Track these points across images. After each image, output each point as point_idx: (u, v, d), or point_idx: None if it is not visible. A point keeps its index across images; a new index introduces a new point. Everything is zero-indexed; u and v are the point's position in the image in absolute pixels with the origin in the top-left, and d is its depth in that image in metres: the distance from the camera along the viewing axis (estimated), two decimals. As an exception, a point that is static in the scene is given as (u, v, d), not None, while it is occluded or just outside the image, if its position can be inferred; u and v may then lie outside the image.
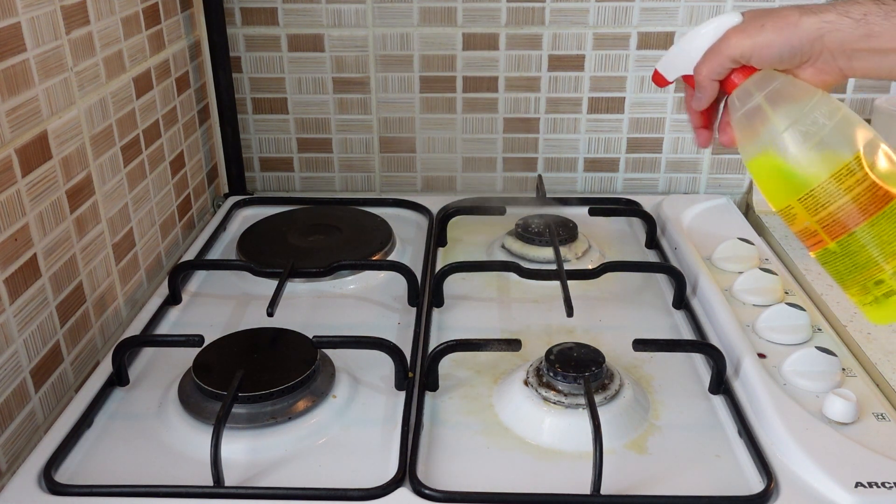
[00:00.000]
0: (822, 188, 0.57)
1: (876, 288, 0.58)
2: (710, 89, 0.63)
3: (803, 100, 0.59)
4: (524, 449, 0.67)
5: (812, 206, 0.58)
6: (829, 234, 0.58)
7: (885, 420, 0.68)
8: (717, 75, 0.62)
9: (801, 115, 0.58)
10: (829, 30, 0.57)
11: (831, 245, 0.58)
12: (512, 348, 0.74)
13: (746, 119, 0.61)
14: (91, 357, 0.81)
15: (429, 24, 1.10)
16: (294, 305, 0.87)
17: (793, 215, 0.60)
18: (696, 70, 0.63)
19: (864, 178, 0.56)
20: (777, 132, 0.59)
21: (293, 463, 0.65)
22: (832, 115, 0.58)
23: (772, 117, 0.59)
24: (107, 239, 0.84)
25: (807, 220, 0.58)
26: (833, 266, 0.60)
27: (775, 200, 0.61)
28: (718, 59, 0.61)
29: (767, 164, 0.60)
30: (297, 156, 1.19)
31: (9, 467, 0.66)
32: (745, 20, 0.61)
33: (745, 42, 0.59)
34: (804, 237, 0.60)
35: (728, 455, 0.66)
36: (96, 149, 0.81)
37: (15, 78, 0.67)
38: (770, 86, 0.60)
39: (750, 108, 0.60)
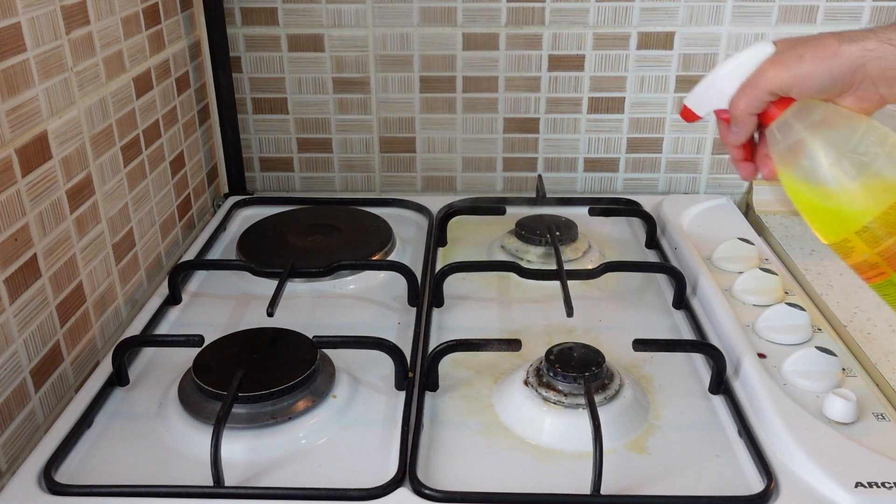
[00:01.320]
0: (882, 219, 0.54)
1: None
2: (749, 124, 0.61)
3: (850, 129, 0.57)
4: (524, 449, 0.67)
5: (871, 238, 0.55)
6: (892, 266, 0.56)
7: (885, 420, 0.68)
8: (756, 109, 0.60)
9: (850, 144, 0.56)
10: (871, 58, 0.56)
11: (894, 276, 0.56)
12: (512, 348, 0.74)
13: (790, 152, 0.59)
14: (91, 357, 0.81)
15: (429, 24, 1.10)
16: (294, 305, 0.87)
17: (850, 248, 0.57)
18: (732, 105, 0.61)
19: None
20: (826, 164, 0.56)
21: (293, 463, 0.65)
22: (883, 143, 0.56)
23: (818, 149, 0.57)
24: (107, 239, 0.84)
25: (866, 252, 0.56)
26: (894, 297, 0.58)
27: (828, 234, 0.58)
28: (756, 93, 0.59)
29: (817, 198, 0.58)
30: (297, 156, 1.19)
31: (9, 467, 0.66)
32: (779, 50, 0.59)
33: (783, 74, 0.58)
34: (862, 269, 0.58)
35: (728, 455, 0.66)
36: (96, 149, 0.81)
37: (15, 78, 0.67)
38: (812, 116, 0.58)
39: (793, 140, 0.58)
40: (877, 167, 0.55)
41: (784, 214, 1.13)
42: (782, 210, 1.14)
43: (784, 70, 0.58)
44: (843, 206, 0.56)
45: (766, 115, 0.60)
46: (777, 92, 0.59)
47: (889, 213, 0.54)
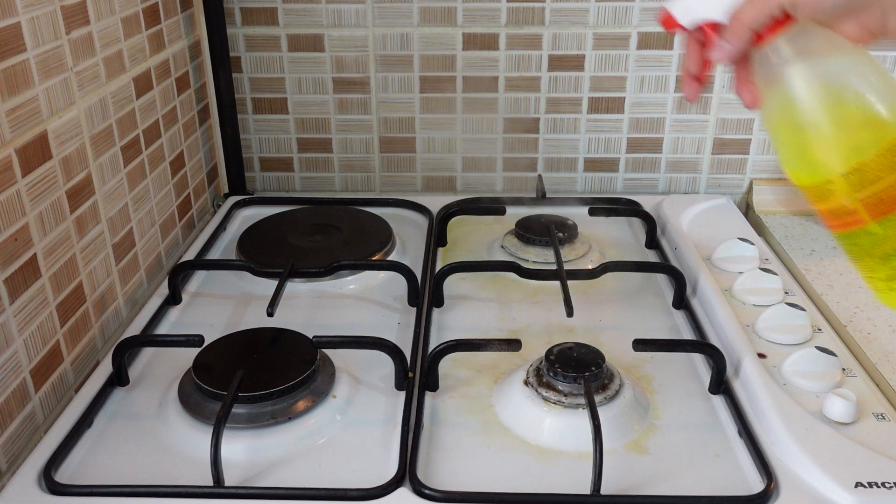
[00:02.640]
0: (872, 162, 0.50)
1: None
2: (745, 40, 0.55)
3: (851, 60, 0.52)
4: (524, 449, 0.67)
5: (858, 181, 0.50)
6: (872, 213, 0.51)
7: (885, 420, 0.68)
8: (761, 24, 0.54)
9: (846, 73, 0.51)
10: None
11: (871, 226, 0.51)
12: (512, 348, 0.74)
13: (781, 78, 0.53)
14: (91, 357, 0.81)
15: (429, 24, 1.10)
16: (294, 305, 0.87)
17: (829, 191, 0.52)
18: (739, 14, 0.55)
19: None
20: (822, 95, 0.51)
21: (293, 463, 0.65)
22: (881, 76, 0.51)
23: (815, 78, 0.52)
24: (107, 239, 0.84)
25: (847, 196, 0.51)
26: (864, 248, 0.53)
27: (807, 172, 0.53)
28: (766, 6, 0.53)
29: (804, 132, 0.52)
30: (297, 156, 1.19)
31: (9, 467, 0.66)
32: None
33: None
34: (836, 215, 0.53)
35: (728, 455, 0.66)
36: (96, 149, 0.81)
37: (15, 78, 0.67)
38: (811, 42, 0.53)
39: (787, 65, 0.53)
40: (874, 100, 0.51)
41: (784, 214, 1.13)
42: (782, 210, 1.14)
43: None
44: (832, 143, 0.51)
45: (762, 34, 0.55)
46: (787, 7, 0.53)
47: (882, 156, 0.50)
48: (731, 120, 1.15)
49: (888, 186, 0.50)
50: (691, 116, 1.15)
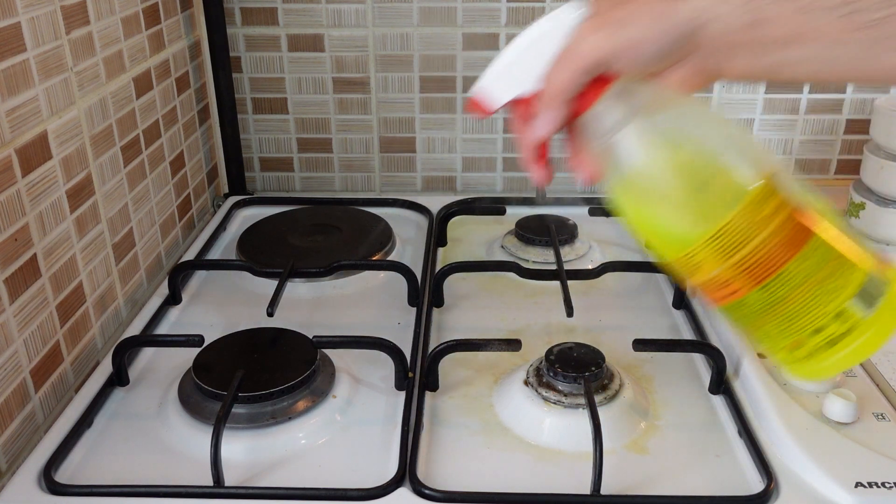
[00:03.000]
0: (734, 224, 0.44)
1: (815, 337, 0.46)
2: (564, 110, 0.48)
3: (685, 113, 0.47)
4: (524, 449, 0.67)
5: (722, 249, 0.45)
6: (751, 279, 0.45)
7: (885, 420, 0.68)
8: (574, 90, 0.47)
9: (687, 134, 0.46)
10: (707, 18, 0.45)
11: (751, 294, 0.46)
12: (512, 348, 0.74)
13: (615, 147, 0.47)
14: (91, 357, 0.81)
15: (429, 24, 1.10)
16: (294, 305, 0.87)
17: (696, 264, 0.46)
18: (546, 85, 0.48)
19: (781, 205, 0.45)
20: (661, 161, 0.46)
21: (293, 463, 0.65)
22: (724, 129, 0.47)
23: (650, 143, 0.46)
24: (107, 239, 0.84)
25: (717, 266, 0.45)
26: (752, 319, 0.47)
27: (668, 248, 0.47)
28: (576, 67, 0.46)
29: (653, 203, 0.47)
30: (297, 156, 1.19)
31: (9, 467, 0.66)
32: (595, 13, 0.47)
33: (608, 42, 0.46)
34: (712, 288, 0.47)
35: (728, 455, 0.66)
36: (96, 149, 0.81)
37: (15, 78, 0.67)
38: (638, 99, 0.46)
39: (618, 132, 0.46)
40: (722, 159, 0.45)
41: (784, 214, 1.12)
42: (782, 210, 1.14)
43: (609, 36, 0.46)
44: (685, 212, 0.46)
45: (581, 101, 0.48)
46: (599, 65, 0.46)
47: (743, 215, 0.44)
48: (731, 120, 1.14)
49: (759, 245, 0.44)
50: (691, 116, 1.14)
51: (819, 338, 0.46)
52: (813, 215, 0.45)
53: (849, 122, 1.14)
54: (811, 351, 0.47)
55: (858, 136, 1.14)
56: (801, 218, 0.45)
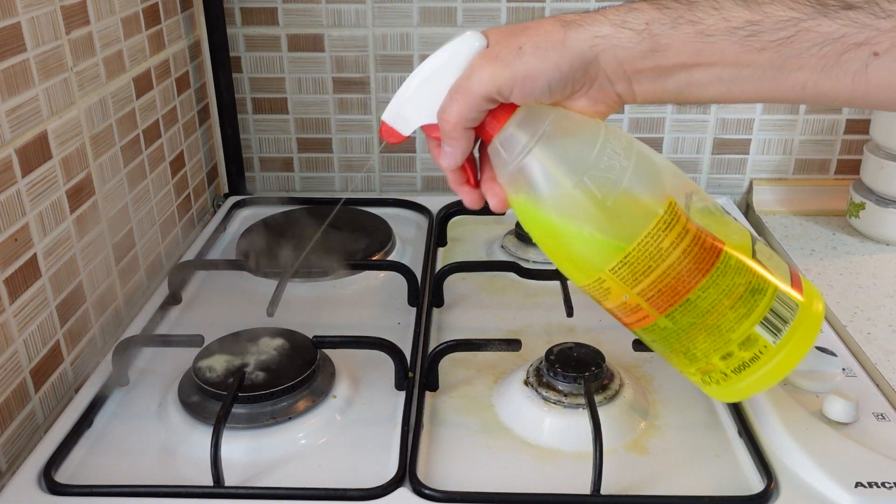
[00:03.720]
0: (638, 252, 0.44)
1: (724, 363, 0.47)
2: (465, 140, 0.48)
3: (588, 139, 0.46)
4: (524, 449, 0.67)
5: (629, 275, 0.45)
6: (657, 308, 0.46)
7: (884, 420, 0.68)
8: (471, 122, 0.47)
9: (590, 159, 0.45)
10: (604, 47, 0.45)
11: (660, 320, 0.46)
12: (512, 348, 0.74)
13: (519, 174, 0.47)
14: (91, 357, 0.81)
15: (429, 24, 1.10)
16: (294, 305, 0.87)
17: (605, 290, 0.47)
18: (441, 118, 0.48)
19: (685, 231, 0.45)
20: (565, 189, 0.45)
21: (293, 463, 0.65)
22: (628, 152, 0.46)
23: (554, 170, 0.46)
24: (107, 239, 0.84)
25: (624, 293, 0.46)
26: (665, 344, 0.48)
27: (577, 274, 0.48)
28: (469, 100, 0.47)
29: (559, 230, 0.46)
30: (297, 156, 1.19)
31: (9, 467, 0.66)
32: (492, 42, 0.48)
33: (501, 73, 0.46)
34: (623, 313, 0.48)
35: (728, 455, 0.66)
36: (96, 149, 0.81)
37: (15, 78, 0.67)
38: (541, 126, 0.46)
39: (521, 160, 0.46)
40: (626, 185, 0.45)
41: (784, 214, 1.13)
42: (782, 210, 1.14)
43: (501, 68, 0.46)
44: (590, 238, 0.46)
45: (485, 129, 0.48)
46: (495, 97, 0.46)
47: (647, 243, 0.44)
48: (731, 120, 1.15)
49: (662, 275, 0.45)
50: (691, 116, 1.15)
51: (727, 364, 0.47)
52: (717, 240, 0.45)
53: (849, 122, 1.14)
54: (720, 376, 0.47)
55: (858, 136, 1.14)
56: (705, 244, 0.45)
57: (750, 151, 1.16)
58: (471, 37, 0.48)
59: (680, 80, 0.46)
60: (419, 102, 0.49)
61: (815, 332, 0.47)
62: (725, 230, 0.47)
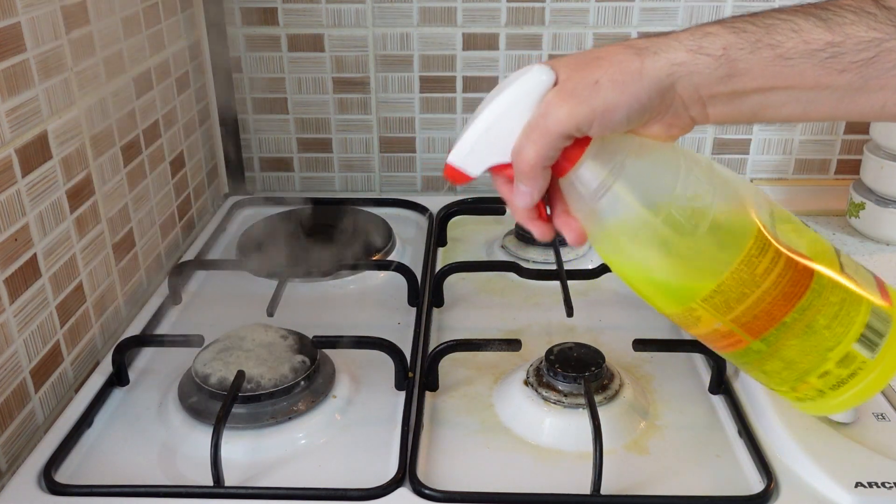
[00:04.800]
0: (731, 280, 0.43)
1: (821, 381, 0.46)
2: (543, 180, 0.47)
3: (668, 167, 0.45)
4: (524, 449, 0.67)
5: (723, 304, 0.44)
6: (751, 333, 0.45)
7: (885, 420, 0.68)
8: (549, 160, 0.46)
9: (675, 191, 0.44)
10: (681, 74, 0.44)
11: (755, 344, 0.45)
12: (512, 348, 0.74)
13: (599, 208, 0.46)
14: (91, 357, 0.81)
15: (429, 24, 1.10)
16: (294, 305, 0.87)
17: (696, 318, 0.46)
18: (517, 158, 0.46)
19: (777, 255, 0.44)
20: (652, 223, 0.44)
21: (293, 463, 0.65)
22: (710, 180, 0.45)
23: (638, 204, 0.45)
24: (107, 239, 0.84)
25: (717, 321, 0.45)
26: (758, 364, 0.47)
27: (666, 304, 0.47)
28: (547, 140, 0.45)
29: (646, 263, 0.46)
30: (297, 156, 1.19)
31: (9, 467, 0.66)
32: (564, 78, 0.46)
33: (579, 110, 0.44)
34: (714, 339, 0.47)
35: (728, 455, 0.66)
36: (96, 149, 0.81)
37: (15, 78, 0.67)
38: (619, 159, 0.45)
39: (601, 194, 0.45)
40: (713, 212, 0.44)
41: (784, 214, 1.12)
42: (782, 210, 1.14)
43: (579, 104, 0.44)
44: (680, 270, 0.45)
45: (559, 163, 0.46)
46: (573, 134, 0.45)
47: (739, 272, 0.43)
48: (731, 120, 1.14)
49: (757, 301, 0.44)
50: (691, 116, 1.14)
51: (824, 382, 0.46)
52: (809, 260, 0.44)
53: (849, 123, 1.14)
54: (816, 394, 0.47)
55: (858, 136, 1.14)
56: (798, 266, 0.44)
57: (750, 151, 1.16)
58: (539, 72, 0.46)
59: (755, 102, 0.45)
60: (490, 143, 0.47)
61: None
62: (812, 247, 0.46)
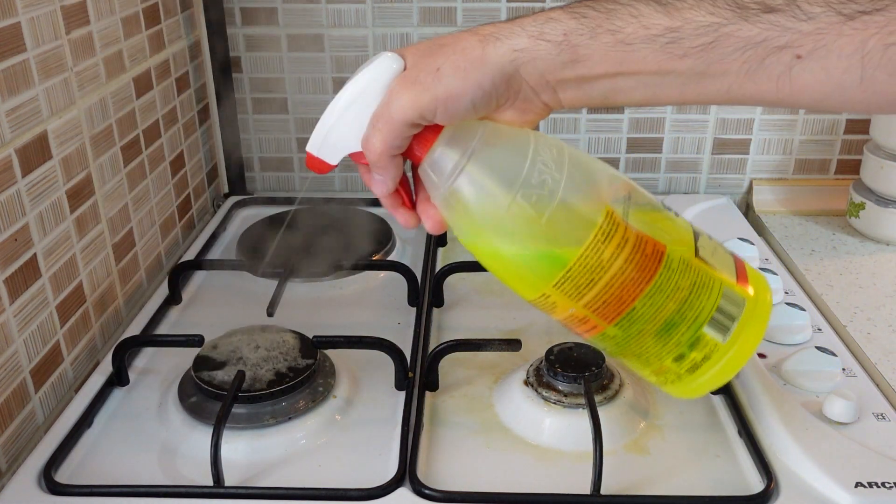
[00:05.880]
0: (579, 266, 0.44)
1: (676, 364, 0.46)
2: (394, 168, 0.47)
3: (518, 152, 0.45)
4: (524, 449, 0.67)
5: (573, 290, 0.44)
6: (604, 318, 0.45)
7: (885, 420, 0.68)
8: (397, 149, 0.46)
9: (521, 177, 0.44)
10: (524, 60, 0.45)
11: (609, 329, 0.46)
12: (512, 348, 0.74)
13: (451, 197, 0.46)
14: (91, 357, 0.81)
15: (429, 24, 1.10)
16: (294, 305, 0.87)
17: (552, 304, 0.46)
18: (365, 147, 0.46)
19: (626, 238, 0.44)
20: (499, 208, 0.44)
21: (293, 463, 0.65)
22: (560, 162, 0.45)
23: (486, 190, 0.45)
24: (107, 239, 0.84)
25: (571, 306, 0.45)
26: (618, 349, 0.47)
27: (522, 290, 0.47)
28: (391, 128, 0.45)
29: (497, 249, 0.46)
30: (297, 156, 1.19)
31: (9, 467, 0.66)
32: (410, 64, 0.46)
33: (421, 98, 0.44)
34: (572, 324, 0.47)
35: (728, 455, 0.66)
36: (96, 149, 0.81)
37: (15, 78, 0.67)
38: (469, 145, 0.45)
39: (451, 183, 0.45)
40: (560, 198, 0.44)
41: (784, 214, 1.13)
42: (782, 210, 1.14)
43: (421, 92, 0.44)
44: (531, 256, 0.45)
45: (412, 151, 0.47)
46: (418, 121, 0.45)
47: (587, 257, 0.43)
48: (731, 120, 1.15)
49: (606, 286, 0.44)
50: (691, 116, 1.15)
51: (680, 365, 0.47)
52: (659, 244, 0.45)
53: (848, 122, 1.14)
54: (675, 377, 0.47)
55: (858, 135, 1.14)
56: (647, 250, 0.44)
57: (750, 151, 1.16)
58: (388, 59, 0.46)
59: (604, 87, 0.46)
60: (343, 131, 0.47)
61: (763, 324, 0.47)
62: (667, 230, 0.46)
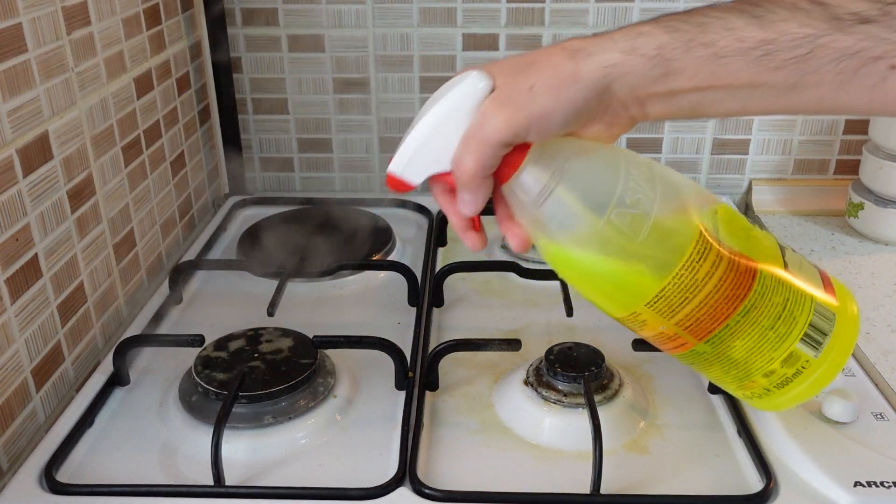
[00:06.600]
0: (673, 285, 0.44)
1: (766, 380, 0.47)
2: (485, 188, 0.47)
3: (610, 172, 0.45)
4: (524, 449, 0.67)
5: (665, 308, 0.44)
6: (695, 335, 0.45)
7: (883, 420, 0.68)
8: (490, 169, 0.46)
9: (615, 192, 0.44)
10: (616, 76, 0.44)
11: (699, 346, 0.46)
12: (512, 348, 0.74)
13: (542, 216, 0.46)
14: (92, 357, 0.81)
15: (429, 24, 1.10)
16: (294, 305, 0.87)
17: (641, 321, 0.46)
18: (457, 168, 0.46)
19: (719, 258, 0.44)
20: (593, 228, 0.44)
21: (293, 463, 0.66)
22: (651, 179, 0.45)
23: (579, 210, 0.45)
24: (108, 239, 0.84)
25: (661, 324, 0.45)
26: (705, 365, 0.48)
27: (613, 308, 0.47)
28: (485, 148, 0.45)
29: (589, 268, 0.46)
30: (297, 156, 1.19)
31: (10, 467, 0.67)
32: (500, 84, 0.45)
33: (515, 118, 0.44)
34: (661, 340, 0.47)
35: (728, 455, 0.66)
36: (97, 149, 0.81)
37: (16, 78, 0.67)
38: (559, 164, 0.45)
39: (543, 202, 0.45)
40: (655, 217, 0.44)
41: (783, 214, 1.13)
42: (782, 210, 1.14)
43: (515, 111, 0.44)
44: (623, 274, 0.45)
45: (499, 170, 0.46)
46: (511, 141, 0.45)
47: (681, 276, 0.43)
48: (731, 120, 1.15)
49: (700, 304, 0.44)
50: (691, 117, 1.15)
51: (770, 380, 0.47)
52: (751, 261, 0.44)
53: (848, 123, 1.14)
54: (763, 391, 0.48)
55: (857, 136, 1.14)
56: (740, 268, 0.44)
57: (749, 151, 1.17)
58: (476, 78, 0.45)
59: (693, 100, 0.46)
60: (431, 152, 0.47)
61: (853, 336, 0.47)
62: (756, 245, 0.46)
